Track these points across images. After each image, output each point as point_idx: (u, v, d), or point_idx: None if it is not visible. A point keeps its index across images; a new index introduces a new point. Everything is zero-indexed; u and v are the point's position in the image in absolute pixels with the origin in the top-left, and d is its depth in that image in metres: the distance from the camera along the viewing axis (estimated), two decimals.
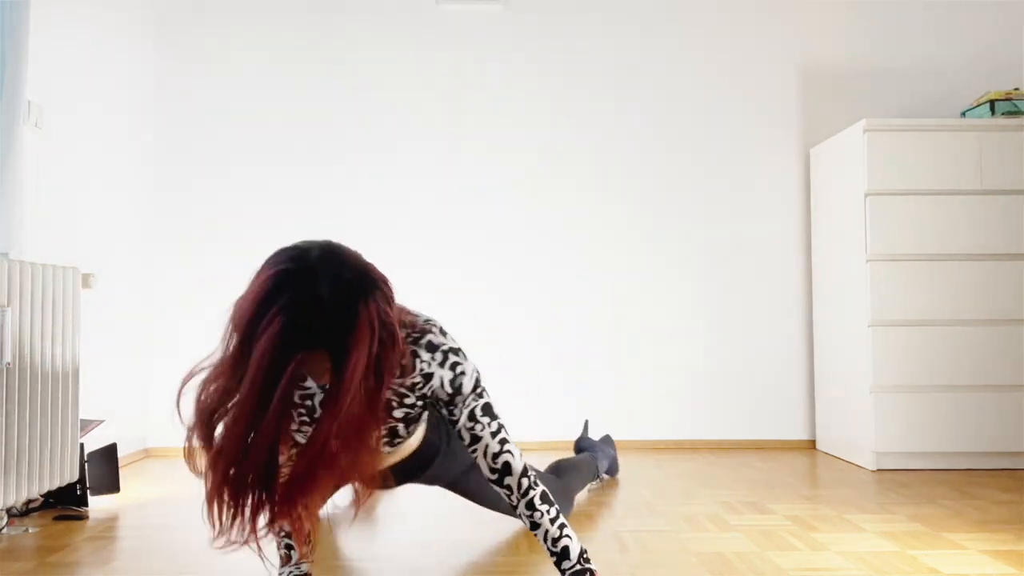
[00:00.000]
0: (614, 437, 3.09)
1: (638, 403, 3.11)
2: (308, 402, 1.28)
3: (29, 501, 2.02)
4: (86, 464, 2.14)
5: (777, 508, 2.08)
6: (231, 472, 1.04)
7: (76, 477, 2.06)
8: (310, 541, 1.32)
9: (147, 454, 3.03)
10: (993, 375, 2.63)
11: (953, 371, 2.63)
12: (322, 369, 1.09)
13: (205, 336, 3.08)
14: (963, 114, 3.00)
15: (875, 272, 2.66)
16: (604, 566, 1.58)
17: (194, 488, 2.41)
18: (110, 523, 1.97)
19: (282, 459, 1.06)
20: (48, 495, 2.08)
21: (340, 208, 3.12)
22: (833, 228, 2.93)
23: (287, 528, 1.34)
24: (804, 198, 3.18)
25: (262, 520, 1.06)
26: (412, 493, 2.22)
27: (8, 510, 1.94)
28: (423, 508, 2.07)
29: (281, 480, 1.05)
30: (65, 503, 2.10)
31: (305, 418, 1.28)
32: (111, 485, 2.22)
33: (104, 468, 2.21)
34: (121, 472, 2.35)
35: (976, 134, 2.69)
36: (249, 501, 1.04)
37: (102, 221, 2.70)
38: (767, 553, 1.65)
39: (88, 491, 2.13)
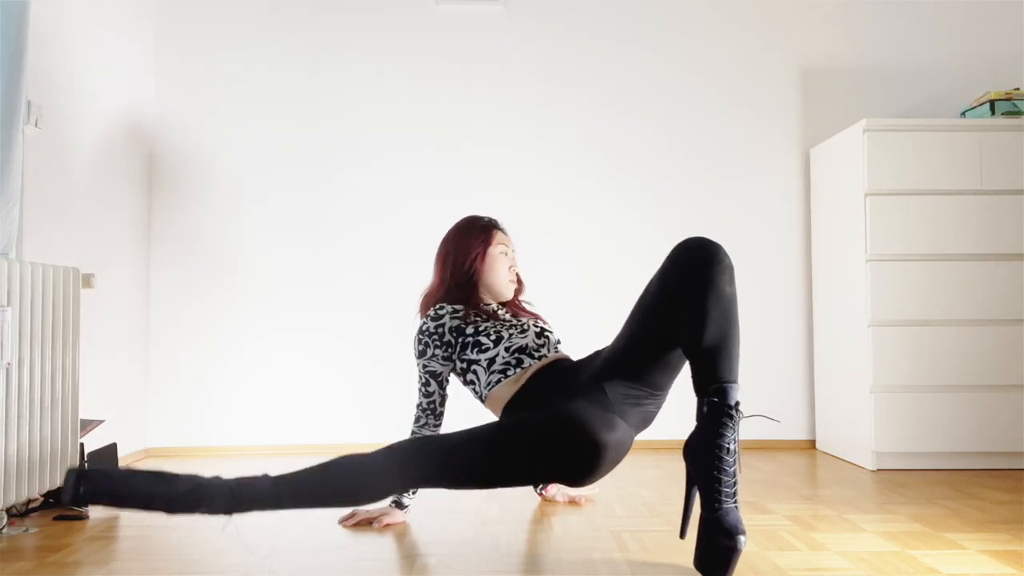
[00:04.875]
0: None
1: None
2: None
3: (29, 501, 2.02)
4: (86, 464, 2.14)
5: (777, 508, 2.08)
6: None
7: None
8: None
9: (147, 454, 3.04)
10: (993, 375, 2.63)
11: (953, 371, 2.63)
12: None
13: (205, 336, 3.08)
14: (963, 114, 3.00)
15: (875, 272, 2.66)
16: (604, 566, 1.58)
17: None
18: (110, 523, 1.97)
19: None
20: (48, 495, 2.08)
21: (338, 205, 3.13)
22: (833, 228, 2.93)
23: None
24: (804, 198, 3.18)
25: None
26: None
27: (8, 510, 1.94)
28: (424, 508, 2.07)
29: None
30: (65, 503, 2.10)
31: None
32: None
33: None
34: None
35: (976, 134, 2.69)
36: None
37: (102, 221, 2.70)
38: (767, 553, 1.65)
39: None
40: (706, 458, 1.48)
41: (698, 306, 1.54)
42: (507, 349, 1.89)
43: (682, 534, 1.59)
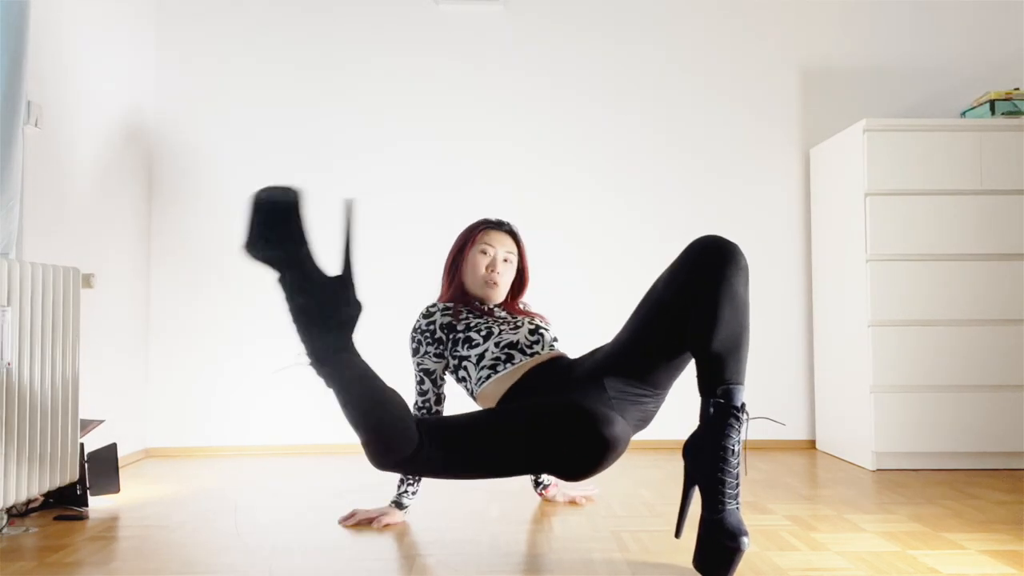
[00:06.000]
0: None
1: None
2: None
3: (29, 501, 2.02)
4: (86, 464, 2.14)
5: (777, 508, 2.08)
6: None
7: (76, 477, 2.06)
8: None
9: (147, 454, 3.04)
10: (993, 375, 2.63)
11: (953, 371, 2.63)
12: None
13: (205, 336, 3.08)
14: (963, 114, 3.00)
15: (875, 272, 2.66)
16: (604, 566, 1.58)
17: (193, 488, 2.41)
18: (110, 523, 1.97)
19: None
20: (48, 495, 2.08)
21: (337, 205, 3.12)
22: (833, 228, 2.93)
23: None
24: (804, 198, 3.18)
25: None
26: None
27: (8, 510, 1.94)
28: (424, 508, 2.07)
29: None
30: (65, 503, 2.10)
31: None
32: (111, 485, 2.22)
33: (104, 468, 2.21)
34: (121, 472, 2.35)
35: (976, 134, 2.69)
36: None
37: (102, 221, 2.70)
38: (767, 553, 1.65)
39: (88, 491, 2.13)
40: (710, 459, 1.47)
41: (711, 307, 1.51)
42: (497, 344, 1.88)
43: (677, 533, 1.59)
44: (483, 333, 1.92)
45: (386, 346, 3.05)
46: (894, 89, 3.18)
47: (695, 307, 1.54)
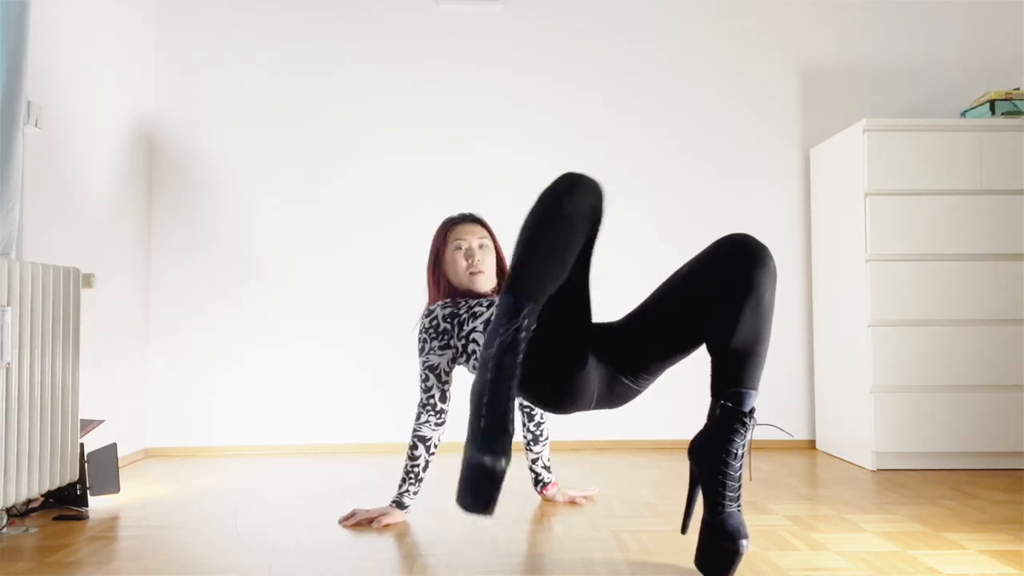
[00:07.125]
0: (616, 437, 3.09)
1: (638, 403, 3.10)
2: None
3: (29, 501, 2.02)
4: (86, 464, 2.14)
5: (777, 508, 2.08)
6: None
7: (76, 477, 2.06)
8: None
9: (147, 454, 3.04)
10: (993, 375, 2.63)
11: (953, 371, 2.63)
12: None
13: (205, 336, 3.08)
14: (963, 114, 3.00)
15: (875, 272, 2.66)
16: (604, 566, 1.58)
17: (193, 488, 2.41)
18: (110, 523, 1.97)
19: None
20: (48, 495, 2.08)
21: (339, 206, 3.13)
22: (833, 228, 2.93)
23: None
24: (804, 198, 3.18)
25: None
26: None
27: (8, 510, 1.94)
28: (424, 508, 2.07)
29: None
30: (65, 503, 2.10)
31: None
32: (111, 485, 2.22)
33: (104, 468, 2.21)
34: (121, 472, 2.35)
35: (976, 134, 2.69)
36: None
37: (102, 221, 2.70)
38: (767, 553, 1.65)
39: (88, 491, 2.13)
40: (712, 461, 1.47)
41: (734, 307, 1.47)
42: None
43: (683, 530, 1.59)
44: (485, 305, 1.98)
45: (386, 346, 3.06)
46: (894, 89, 3.18)
47: (717, 305, 1.51)
